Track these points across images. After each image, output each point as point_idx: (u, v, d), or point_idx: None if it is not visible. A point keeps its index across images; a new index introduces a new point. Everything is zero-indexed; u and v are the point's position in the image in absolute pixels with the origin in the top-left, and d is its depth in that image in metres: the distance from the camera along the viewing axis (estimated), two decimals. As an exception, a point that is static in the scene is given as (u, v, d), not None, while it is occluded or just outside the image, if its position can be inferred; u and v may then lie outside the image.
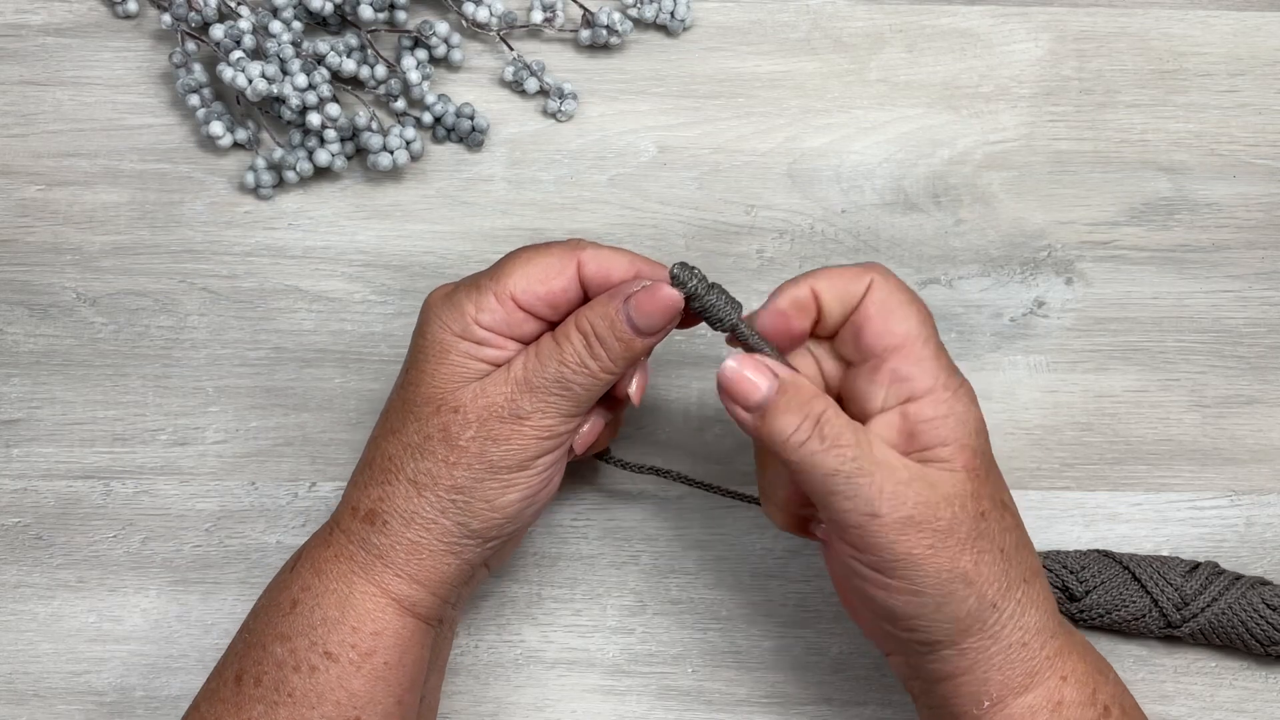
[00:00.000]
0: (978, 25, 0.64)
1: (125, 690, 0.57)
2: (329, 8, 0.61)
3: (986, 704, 0.46)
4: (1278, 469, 0.60)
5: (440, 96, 0.62)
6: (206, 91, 0.61)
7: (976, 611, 0.46)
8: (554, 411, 0.47)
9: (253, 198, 0.62)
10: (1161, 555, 0.57)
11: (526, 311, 0.48)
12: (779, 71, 0.63)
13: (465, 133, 0.62)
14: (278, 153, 0.60)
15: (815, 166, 0.62)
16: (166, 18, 0.61)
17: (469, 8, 0.62)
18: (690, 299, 0.47)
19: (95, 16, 0.64)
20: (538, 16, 0.63)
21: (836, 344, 0.49)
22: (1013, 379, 0.60)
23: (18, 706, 0.57)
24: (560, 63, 0.64)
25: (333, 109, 0.59)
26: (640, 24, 0.64)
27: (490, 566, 0.53)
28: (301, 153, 0.61)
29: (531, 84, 0.62)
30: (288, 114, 0.60)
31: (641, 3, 0.63)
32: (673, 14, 0.63)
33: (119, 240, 0.61)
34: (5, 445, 0.59)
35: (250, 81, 0.58)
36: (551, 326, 0.49)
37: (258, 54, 0.60)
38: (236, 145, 0.62)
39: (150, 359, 0.60)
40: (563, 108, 0.62)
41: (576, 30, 0.63)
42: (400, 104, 0.62)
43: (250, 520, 0.59)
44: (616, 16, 0.62)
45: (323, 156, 0.60)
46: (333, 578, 0.48)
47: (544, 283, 0.48)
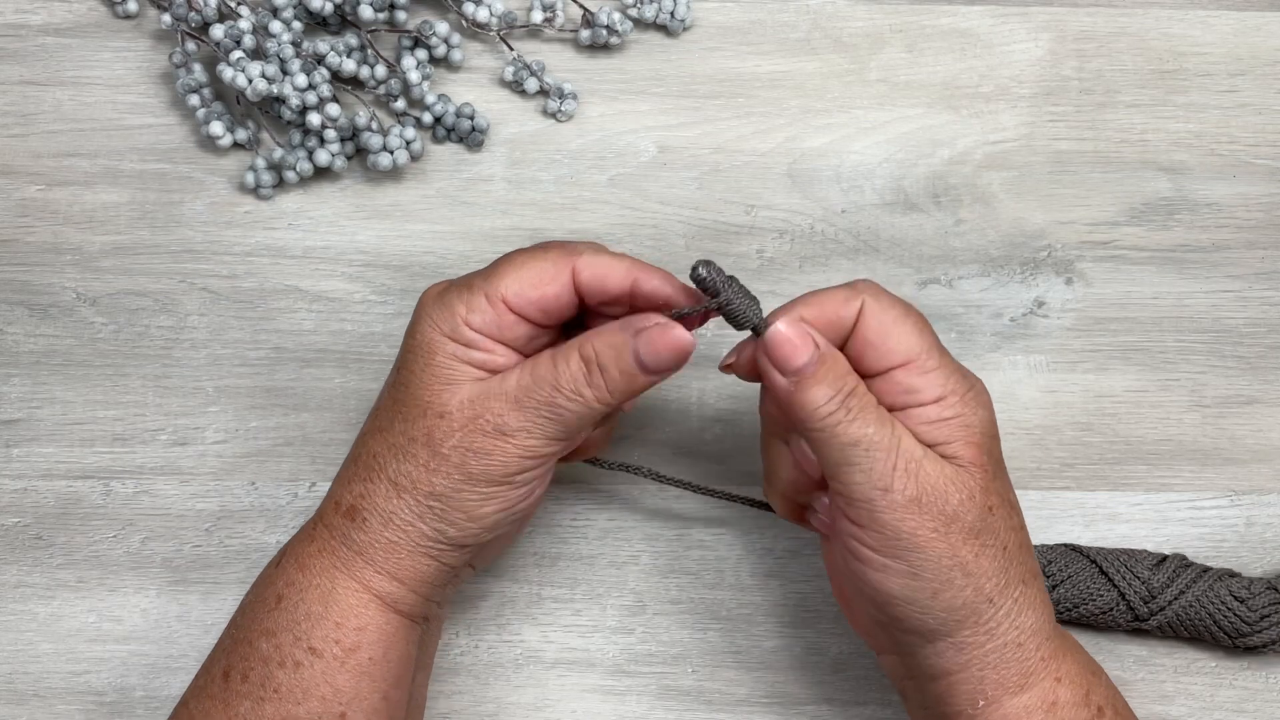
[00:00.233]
0: (978, 25, 0.64)
1: (125, 690, 0.57)
2: (329, 8, 0.61)
3: (981, 703, 0.47)
4: (1278, 469, 0.60)
5: (440, 96, 0.62)
6: (206, 91, 0.61)
7: (972, 603, 0.46)
8: (540, 433, 0.47)
9: (253, 198, 0.62)
10: (1129, 548, 0.57)
11: (518, 315, 0.47)
12: (779, 71, 0.63)
13: (465, 133, 0.62)
14: (278, 153, 0.60)
15: (815, 166, 0.62)
16: (166, 18, 0.61)
17: (469, 8, 0.62)
18: (712, 296, 0.46)
19: (95, 16, 0.64)
20: (538, 16, 0.63)
21: None
22: (1013, 379, 0.60)
23: (18, 706, 0.57)
24: (560, 63, 0.64)
25: (333, 109, 0.59)
26: (640, 24, 0.64)
27: (474, 566, 0.52)
28: (301, 153, 0.61)
29: (531, 84, 0.62)
30: (288, 114, 0.60)
31: (641, 3, 0.63)
32: (673, 14, 0.63)
33: (119, 240, 0.61)
34: (5, 445, 0.59)
35: (250, 81, 0.58)
36: (543, 331, 0.48)
37: (258, 54, 0.60)
38: (236, 145, 0.62)
39: (150, 359, 0.60)
40: (563, 108, 0.62)
41: (576, 30, 0.63)
42: (400, 104, 0.62)
43: (250, 520, 0.59)
44: (616, 16, 0.62)
45: (323, 156, 0.60)
46: (316, 573, 0.48)
47: (536, 287, 0.47)
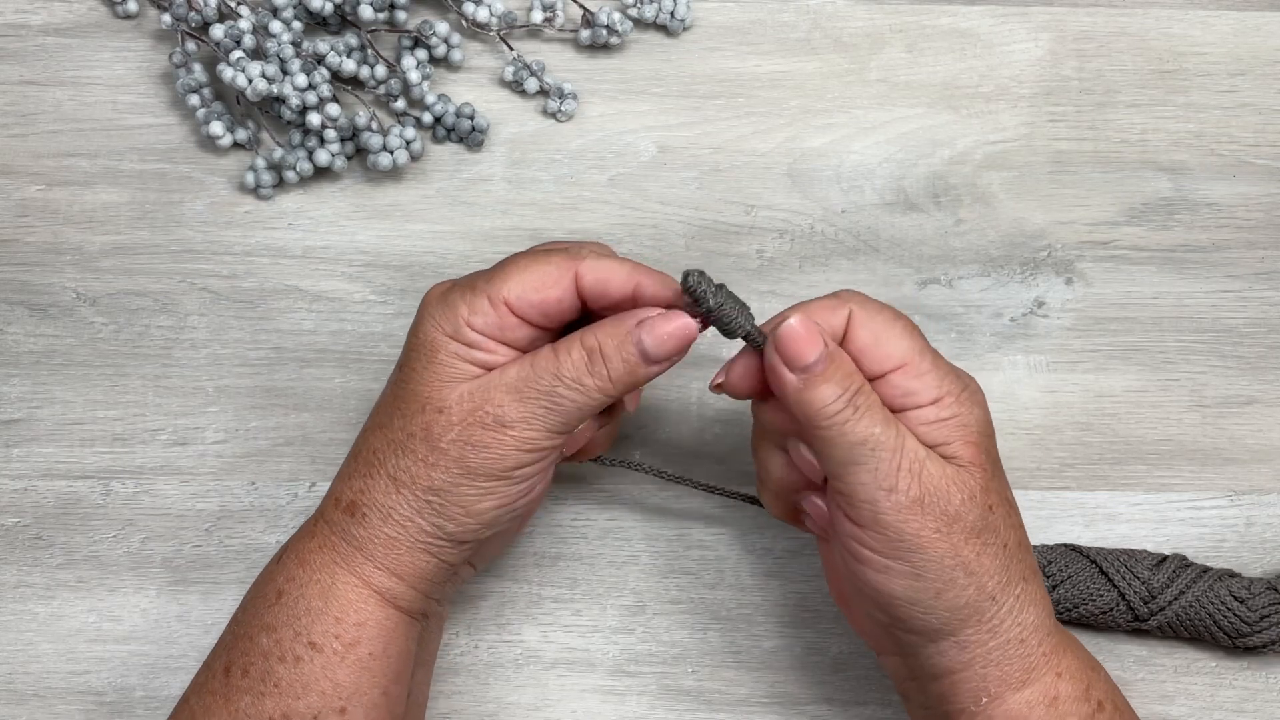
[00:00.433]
0: (978, 25, 0.64)
1: (125, 690, 0.57)
2: (329, 8, 0.61)
3: (985, 700, 0.47)
4: (1278, 469, 0.60)
5: (440, 96, 0.62)
6: (206, 91, 0.61)
7: (975, 602, 0.46)
8: (539, 425, 0.47)
9: (253, 198, 0.62)
10: (1129, 549, 0.57)
11: (520, 318, 0.47)
12: (779, 71, 0.63)
13: (465, 133, 0.62)
14: (278, 153, 0.60)
15: (815, 166, 0.62)
16: (166, 18, 0.61)
17: (469, 8, 0.62)
18: (701, 304, 0.46)
19: (95, 16, 0.64)
20: (538, 16, 0.63)
21: None
22: (1013, 379, 0.60)
23: (18, 706, 0.57)
24: (560, 63, 0.64)
25: (333, 109, 0.59)
26: (640, 24, 0.64)
27: (475, 565, 0.53)
28: (301, 153, 0.61)
29: (531, 84, 0.62)
30: (288, 114, 0.60)
31: (641, 3, 0.63)
32: (673, 14, 0.63)
33: (119, 240, 0.61)
34: (5, 445, 0.59)
35: (250, 81, 0.58)
36: (545, 334, 0.48)
37: (258, 54, 0.60)
38: (236, 145, 0.62)
39: (150, 359, 0.60)
40: (563, 108, 0.62)
41: (576, 30, 0.63)
42: (400, 104, 0.62)
43: (250, 520, 0.59)
44: (616, 16, 0.62)
45: (323, 156, 0.60)
46: (316, 568, 0.48)
47: (539, 290, 0.47)
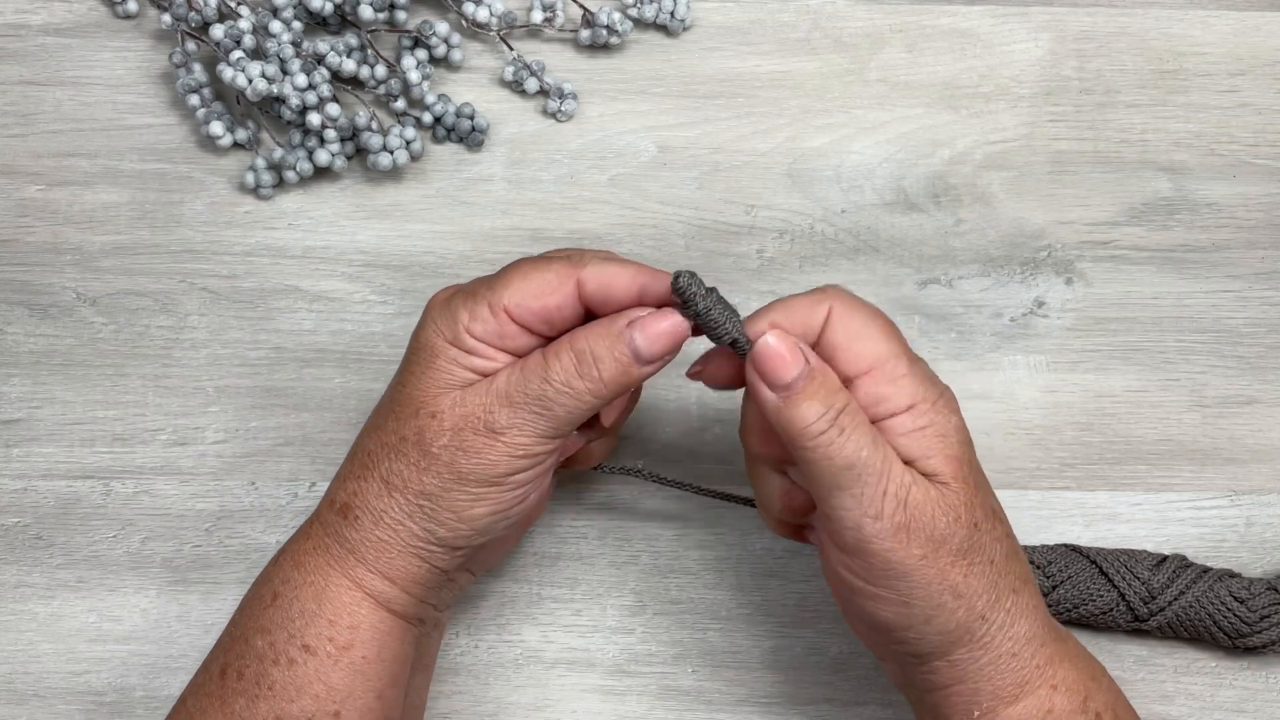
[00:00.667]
0: (978, 25, 0.64)
1: (125, 690, 0.57)
2: (329, 8, 0.61)
3: (977, 714, 0.46)
4: (1278, 469, 0.60)
5: (440, 96, 0.62)
6: (206, 91, 0.61)
7: (966, 623, 0.45)
8: (530, 430, 0.46)
9: (253, 198, 0.62)
10: (1129, 549, 0.57)
11: (520, 325, 0.47)
12: (779, 71, 0.63)
13: (465, 133, 0.62)
14: (278, 153, 0.60)
15: (815, 166, 0.62)
16: (166, 18, 0.61)
17: (469, 8, 0.62)
18: (690, 306, 0.46)
19: (95, 16, 0.64)
20: (538, 16, 0.63)
21: None
22: (1013, 379, 0.60)
23: (18, 706, 0.57)
24: (560, 63, 0.64)
25: (333, 109, 0.59)
26: (640, 24, 0.64)
27: (473, 572, 0.52)
28: (301, 153, 0.61)
29: (531, 84, 0.62)
30: (288, 114, 0.60)
31: (641, 3, 0.63)
32: (673, 14, 0.63)
33: (119, 240, 0.61)
34: (5, 445, 0.59)
35: (250, 81, 0.58)
36: (546, 342, 0.48)
37: (258, 54, 0.60)
38: (236, 145, 0.62)
39: (150, 359, 0.60)
40: (563, 108, 0.62)
41: (576, 30, 0.63)
42: (400, 104, 0.62)
43: (250, 520, 0.59)
44: (616, 16, 0.62)
45: (323, 156, 0.60)
46: (310, 570, 0.48)
47: (539, 298, 0.47)
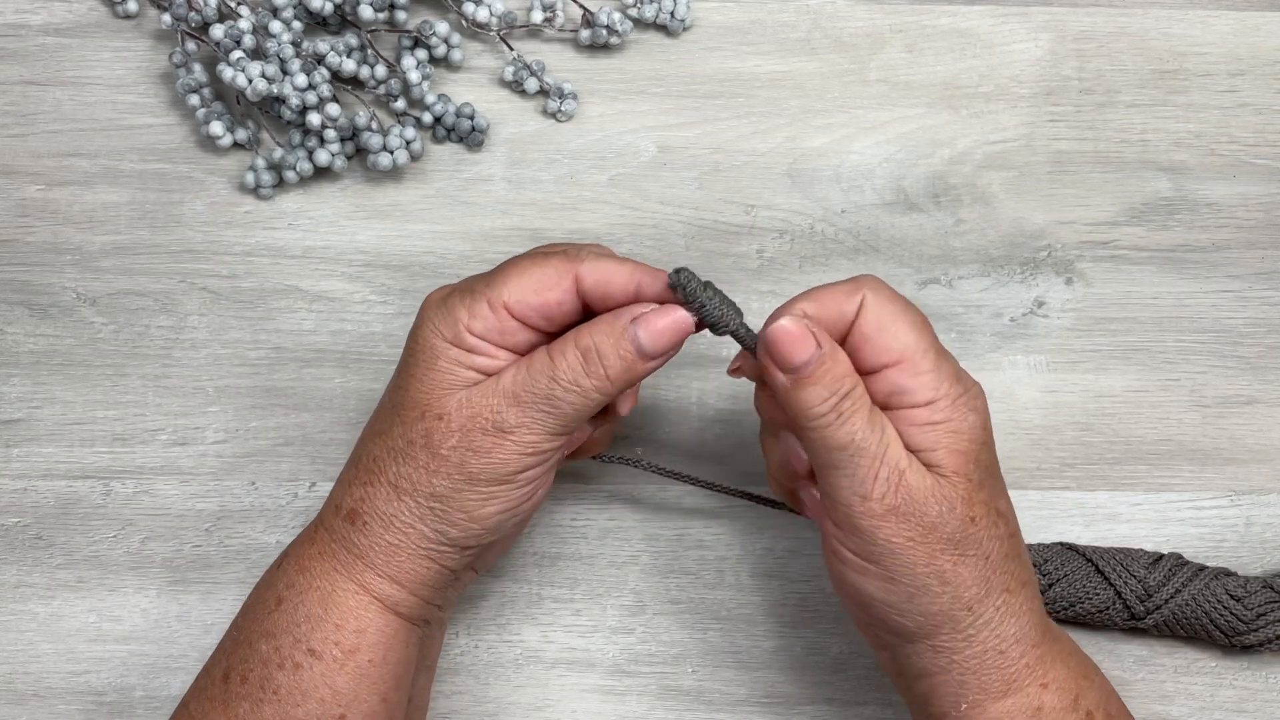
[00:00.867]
0: (978, 25, 0.64)
1: (125, 690, 0.57)
2: (329, 8, 0.61)
3: (964, 706, 0.47)
4: (1278, 469, 0.60)
5: (440, 96, 0.62)
6: (206, 91, 0.61)
7: (949, 610, 0.46)
8: (539, 428, 0.47)
9: (253, 198, 0.62)
10: (1125, 547, 0.57)
11: (520, 321, 0.47)
12: (779, 71, 0.63)
13: (465, 133, 0.62)
14: (278, 153, 0.60)
15: (815, 166, 0.62)
16: (166, 18, 0.61)
17: (469, 8, 0.62)
18: (691, 302, 0.46)
19: (95, 16, 0.64)
20: (538, 16, 0.63)
21: None
22: (1013, 379, 0.60)
23: (18, 706, 0.57)
24: (560, 63, 0.64)
25: (333, 109, 0.59)
26: (640, 24, 0.64)
27: (476, 570, 0.52)
28: (301, 153, 0.61)
29: (531, 84, 0.62)
30: (288, 114, 0.60)
31: (641, 3, 0.63)
32: (673, 14, 0.63)
33: (119, 240, 0.61)
34: (5, 445, 0.59)
35: (250, 81, 0.58)
36: (546, 338, 0.48)
37: (258, 54, 0.60)
38: (236, 145, 0.62)
39: (150, 359, 0.60)
40: (563, 108, 0.62)
41: (576, 30, 0.63)
42: (400, 104, 0.62)
43: (250, 520, 0.59)
44: (616, 16, 0.62)
45: (323, 156, 0.60)
46: (316, 575, 0.48)
47: (538, 293, 0.47)
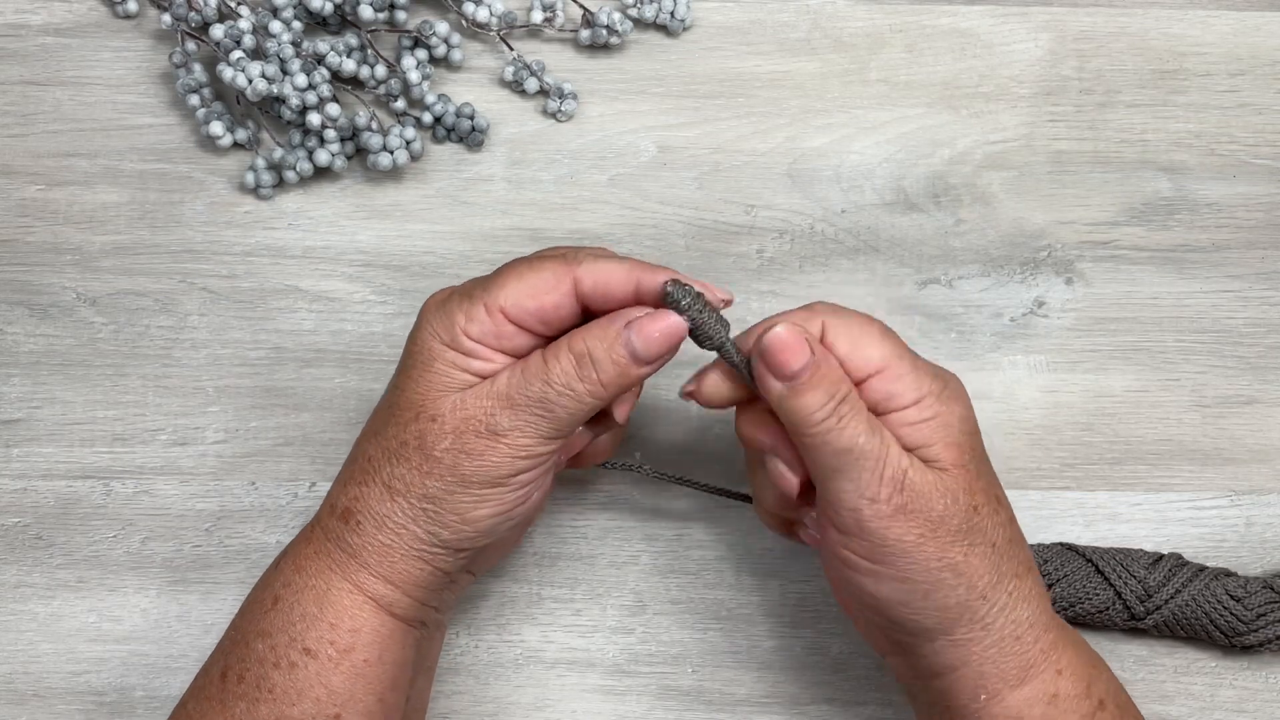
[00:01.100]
0: (978, 25, 0.64)
1: (125, 690, 0.57)
2: (329, 8, 0.61)
3: (984, 697, 0.47)
4: (1278, 469, 0.60)
5: (440, 96, 0.62)
6: (206, 91, 0.61)
7: (965, 601, 0.46)
8: (532, 431, 0.47)
9: (253, 198, 0.62)
10: (1125, 548, 0.57)
11: (517, 325, 0.47)
12: (779, 71, 0.63)
13: (465, 133, 0.62)
14: (278, 153, 0.60)
15: (815, 166, 0.62)
16: (166, 18, 0.61)
17: (469, 8, 0.62)
18: (681, 314, 0.47)
19: (95, 16, 0.64)
20: (538, 16, 0.63)
21: None
22: (1013, 379, 0.60)
23: (18, 706, 0.57)
24: (560, 63, 0.64)
25: (333, 109, 0.59)
26: (640, 24, 0.64)
27: (474, 572, 0.52)
28: (301, 153, 0.61)
29: (531, 84, 0.62)
30: (288, 114, 0.60)
31: (641, 3, 0.63)
32: (673, 14, 0.63)
33: (119, 240, 0.61)
34: (5, 445, 0.59)
35: (250, 81, 0.58)
36: (544, 341, 0.48)
37: (258, 54, 0.60)
38: (236, 145, 0.62)
39: (150, 359, 0.60)
40: (563, 108, 0.62)
41: (576, 30, 0.63)
42: (400, 104, 0.62)
43: (250, 520, 0.59)
44: (616, 16, 0.62)
45: (323, 156, 0.60)
46: (312, 574, 0.48)
47: (535, 298, 0.47)
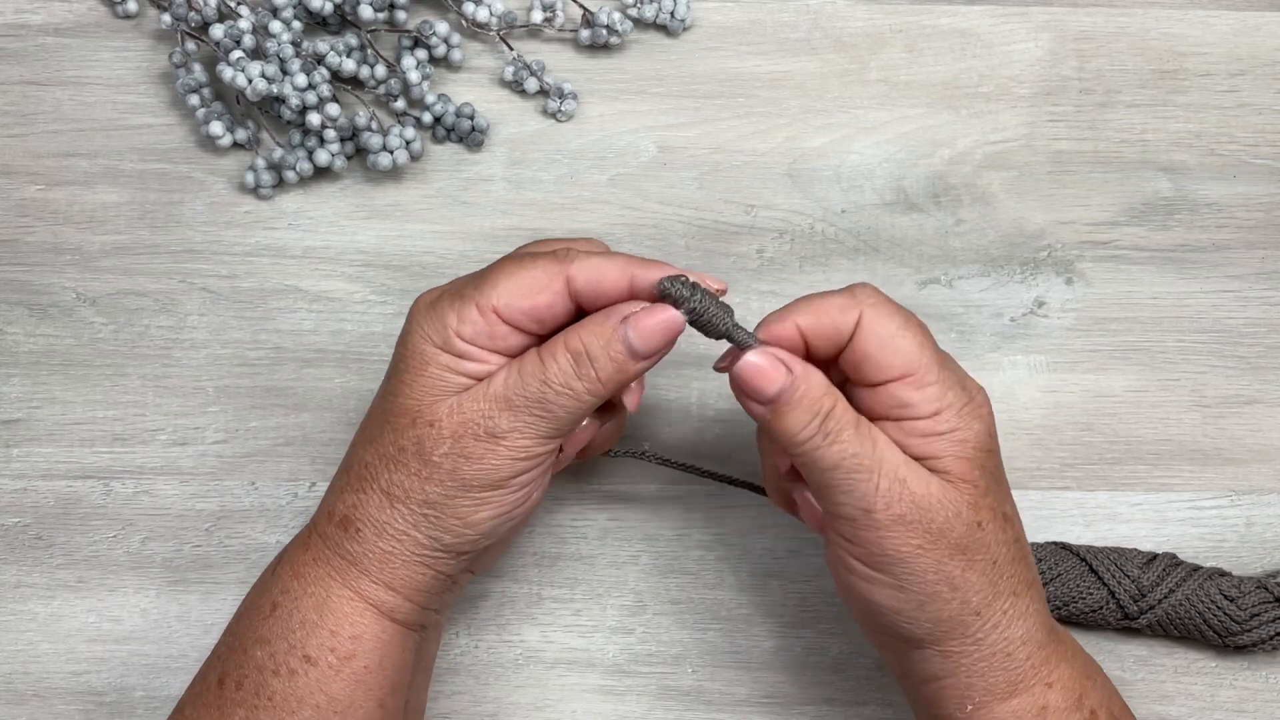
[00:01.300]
0: (978, 25, 0.64)
1: (125, 690, 0.57)
2: (329, 8, 0.61)
3: (970, 707, 0.47)
4: (1278, 469, 0.60)
5: (440, 96, 0.62)
6: (206, 91, 0.61)
7: (958, 616, 0.46)
8: (532, 432, 0.46)
9: (253, 198, 0.62)
10: (1119, 547, 0.57)
11: (510, 325, 0.46)
12: (779, 71, 0.63)
13: (465, 133, 0.62)
14: (278, 153, 0.60)
15: (815, 166, 0.62)
16: (166, 18, 0.61)
17: (469, 8, 0.62)
18: (682, 308, 0.45)
19: (95, 16, 0.64)
20: (538, 16, 0.63)
21: (833, 366, 0.47)
22: (1013, 379, 0.60)
23: (18, 706, 0.57)
24: (560, 63, 0.64)
25: (333, 109, 0.59)
26: (640, 24, 0.64)
27: (474, 571, 0.52)
28: (301, 153, 0.61)
29: (531, 84, 0.62)
30: (288, 114, 0.60)
31: (641, 3, 0.63)
32: (673, 14, 0.63)
33: (119, 240, 0.61)
34: (5, 445, 0.59)
35: (250, 81, 0.58)
36: (538, 340, 0.47)
37: (258, 54, 0.60)
38: (236, 145, 0.62)
39: (150, 359, 0.60)
40: (563, 108, 0.62)
41: (576, 30, 0.63)
42: (400, 104, 0.62)
43: (250, 520, 0.59)
44: (616, 16, 0.62)
45: (323, 156, 0.60)
46: (311, 581, 0.48)
47: (528, 297, 0.46)
